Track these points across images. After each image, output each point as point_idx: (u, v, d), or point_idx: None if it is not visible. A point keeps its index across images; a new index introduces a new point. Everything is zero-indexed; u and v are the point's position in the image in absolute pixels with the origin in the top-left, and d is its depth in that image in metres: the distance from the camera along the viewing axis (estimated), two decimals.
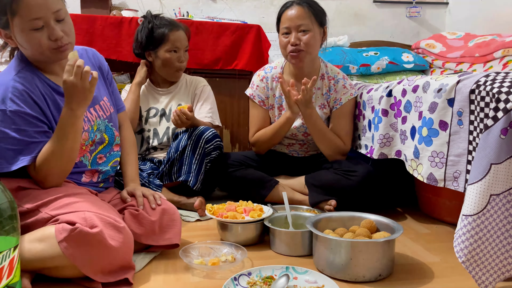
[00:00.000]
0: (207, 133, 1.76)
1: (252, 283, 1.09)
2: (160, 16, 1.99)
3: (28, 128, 1.16)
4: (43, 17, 1.14)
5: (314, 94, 1.84)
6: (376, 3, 3.00)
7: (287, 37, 1.75)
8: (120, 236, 1.09)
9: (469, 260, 1.04)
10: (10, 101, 1.14)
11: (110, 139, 1.39)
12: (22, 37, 1.16)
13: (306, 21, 1.72)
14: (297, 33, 1.73)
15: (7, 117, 1.14)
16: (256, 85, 1.93)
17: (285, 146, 1.97)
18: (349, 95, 1.86)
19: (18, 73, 1.19)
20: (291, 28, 1.74)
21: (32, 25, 1.13)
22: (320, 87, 1.88)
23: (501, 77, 1.14)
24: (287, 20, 1.74)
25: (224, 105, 2.38)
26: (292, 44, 1.73)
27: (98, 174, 1.36)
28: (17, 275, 0.81)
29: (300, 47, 1.73)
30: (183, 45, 1.94)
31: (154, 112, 1.99)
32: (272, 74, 1.92)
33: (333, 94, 1.87)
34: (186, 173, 1.77)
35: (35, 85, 1.20)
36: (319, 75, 1.88)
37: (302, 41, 1.72)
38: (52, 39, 1.17)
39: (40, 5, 1.13)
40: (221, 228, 1.46)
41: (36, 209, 1.14)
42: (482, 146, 1.04)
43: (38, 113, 1.18)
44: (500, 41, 2.08)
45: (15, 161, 1.15)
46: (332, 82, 1.88)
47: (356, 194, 1.67)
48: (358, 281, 1.15)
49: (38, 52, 1.18)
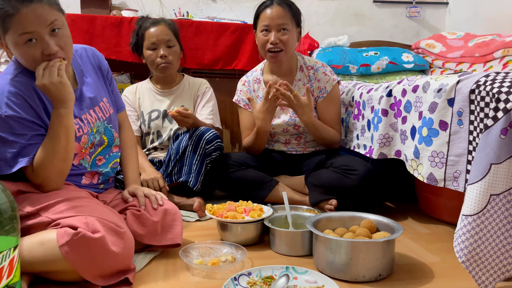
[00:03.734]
0: (208, 134, 1.76)
1: (252, 283, 1.09)
2: (147, 17, 1.99)
3: (25, 132, 1.16)
4: (36, 32, 1.11)
5: (295, 86, 1.90)
6: (376, 3, 3.00)
7: (266, 35, 1.79)
8: (121, 242, 1.09)
9: (469, 260, 1.04)
10: (6, 106, 1.14)
11: (110, 141, 1.39)
12: (15, 50, 1.14)
13: (286, 21, 1.76)
14: (277, 33, 1.76)
15: (3, 122, 1.13)
16: (240, 90, 1.99)
17: (282, 144, 1.97)
18: (332, 81, 1.89)
19: (14, 77, 1.18)
20: (271, 27, 1.77)
21: (23, 39, 1.11)
22: (301, 78, 1.91)
23: (501, 77, 1.14)
24: (267, 19, 1.77)
25: (224, 105, 2.38)
26: (272, 43, 1.77)
27: (98, 176, 1.36)
28: (17, 275, 0.81)
29: (280, 46, 1.77)
30: (161, 40, 1.89)
31: (156, 114, 1.98)
32: (253, 78, 1.98)
33: (315, 83, 1.90)
34: (187, 173, 1.77)
35: (31, 88, 1.19)
36: (297, 68, 1.92)
37: (281, 40, 1.76)
38: (46, 53, 1.13)
39: (33, 19, 1.09)
40: (221, 228, 1.46)
41: (37, 212, 1.14)
42: (482, 146, 1.04)
43: (34, 117, 1.18)
44: (500, 41, 2.08)
45: (15, 163, 1.15)
46: (311, 72, 1.91)
47: (357, 192, 1.67)
48: (358, 281, 1.15)
49: (32, 66, 1.16)
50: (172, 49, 1.92)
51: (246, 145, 1.92)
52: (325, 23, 2.96)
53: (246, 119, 1.96)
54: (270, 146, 2.00)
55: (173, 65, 1.94)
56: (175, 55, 1.93)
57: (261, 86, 1.95)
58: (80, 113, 1.29)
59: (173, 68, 1.95)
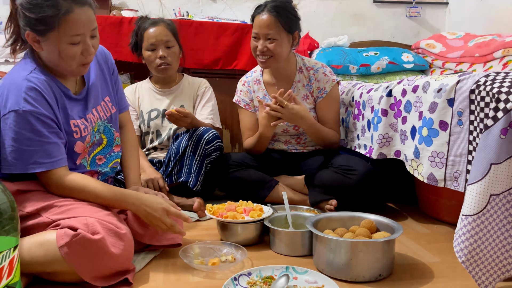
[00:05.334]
0: (207, 134, 1.76)
1: (252, 283, 1.09)
2: (146, 17, 1.99)
3: (42, 128, 1.14)
4: (83, 34, 1.15)
5: (295, 87, 1.91)
6: (376, 3, 3.00)
7: (256, 42, 1.81)
8: (121, 243, 1.09)
9: (469, 260, 1.04)
10: (24, 101, 1.13)
11: (109, 140, 1.38)
12: (55, 47, 1.14)
13: (272, 31, 1.75)
14: (265, 41, 1.78)
15: (22, 117, 1.12)
16: (240, 90, 2.00)
17: (282, 143, 1.98)
18: (332, 82, 1.89)
19: (30, 73, 1.17)
20: (259, 35, 1.79)
21: (71, 40, 1.14)
22: (300, 79, 1.92)
23: (501, 77, 1.14)
24: (257, 26, 1.79)
25: (224, 105, 2.38)
26: (259, 51, 1.79)
27: (97, 176, 1.35)
28: (17, 275, 0.81)
29: (267, 53, 1.79)
30: (160, 40, 1.89)
31: (156, 114, 1.98)
32: (253, 78, 1.99)
33: (315, 84, 1.90)
34: (187, 173, 1.77)
35: (47, 85, 1.18)
36: (297, 69, 1.92)
37: (269, 48, 1.77)
38: (85, 55, 1.18)
39: (84, 23, 1.14)
40: (221, 228, 1.46)
41: (37, 212, 1.14)
42: (482, 146, 1.04)
43: (50, 113, 1.17)
44: (500, 41, 2.08)
45: (31, 162, 1.13)
46: (311, 72, 1.91)
47: (356, 192, 1.67)
48: (358, 281, 1.15)
49: (66, 64, 1.17)
50: (171, 49, 1.92)
51: (248, 146, 1.92)
52: (325, 23, 2.96)
53: (246, 119, 1.97)
54: (270, 145, 2.00)
55: (172, 66, 1.93)
56: (174, 55, 1.93)
57: (261, 87, 1.95)
58: (85, 113, 1.29)
59: (172, 69, 1.94)
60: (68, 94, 1.24)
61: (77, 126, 1.24)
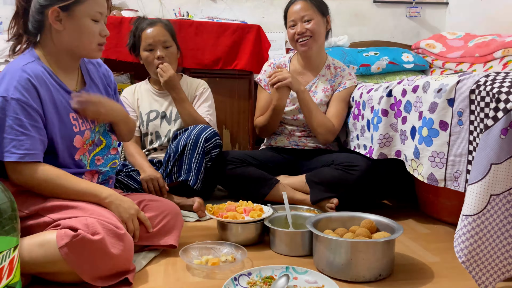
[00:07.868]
0: (206, 132, 1.76)
1: (252, 283, 1.09)
2: (143, 17, 1.98)
3: (24, 119, 1.13)
4: (103, 14, 1.26)
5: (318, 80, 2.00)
6: (376, 3, 3.00)
7: (293, 29, 1.91)
8: (121, 244, 1.09)
9: (469, 260, 1.04)
10: (14, 89, 1.13)
11: (107, 142, 1.39)
12: (77, 22, 1.21)
13: (309, 12, 1.89)
14: (302, 23, 1.89)
15: (8, 104, 1.12)
16: (264, 70, 2.09)
17: (286, 137, 2.00)
18: (353, 82, 2.00)
19: (28, 63, 1.18)
20: (296, 21, 1.90)
21: (95, 16, 1.23)
22: (325, 74, 2.02)
23: (501, 77, 1.14)
24: (292, 14, 1.91)
25: (224, 105, 2.38)
26: (299, 33, 1.89)
27: (98, 175, 1.35)
28: (17, 275, 0.81)
29: (307, 34, 1.89)
30: (158, 41, 1.88)
31: (155, 115, 1.98)
32: (280, 62, 2.09)
33: (338, 79, 2.01)
34: (186, 172, 1.76)
35: (41, 77, 1.18)
36: (324, 65, 2.03)
37: (308, 29, 1.88)
38: (102, 35, 1.27)
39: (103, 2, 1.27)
40: (221, 228, 1.46)
41: (37, 212, 1.13)
42: (482, 146, 1.04)
43: (38, 106, 1.16)
44: (500, 41, 2.08)
45: (5, 150, 1.11)
46: (338, 70, 2.04)
47: (358, 188, 1.69)
48: (358, 281, 1.15)
49: (88, 40, 1.24)
50: (169, 50, 1.92)
51: (260, 123, 2.00)
52: None
53: (262, 98, 2.05)
54: (272, 140, 2.02)
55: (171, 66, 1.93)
56: (172, 56, 1.93)
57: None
58: None
59: None
60: (66, 89, 1.25)
61: (76, 119, 1.25)
